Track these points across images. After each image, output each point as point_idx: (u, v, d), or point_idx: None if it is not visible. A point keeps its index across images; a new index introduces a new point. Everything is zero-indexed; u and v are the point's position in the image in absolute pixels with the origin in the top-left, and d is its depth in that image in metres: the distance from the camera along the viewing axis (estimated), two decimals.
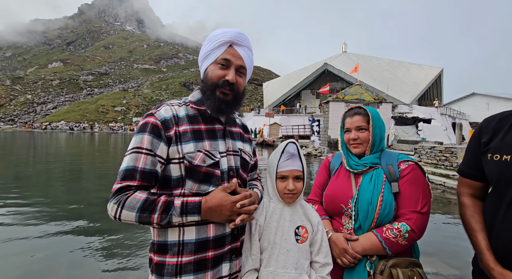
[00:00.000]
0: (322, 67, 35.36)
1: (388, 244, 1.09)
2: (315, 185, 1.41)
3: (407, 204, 1.13)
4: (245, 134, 1.17)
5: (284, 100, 39.54)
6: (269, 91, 44.06)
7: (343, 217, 1.23)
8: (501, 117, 0.99)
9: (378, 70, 36.08)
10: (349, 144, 1.28)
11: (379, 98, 17.42)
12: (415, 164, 1.20)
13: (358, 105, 1.32)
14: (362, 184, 1.20)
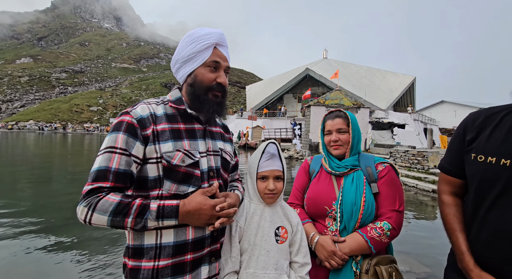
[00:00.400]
0: (304, 72, 36.16)
1: (373, 243, 1.12)
2: (295, 188, 1.40)
3: (386, 203, 1.18)
4: (225, 134, 1.16)
5: (267, 104, 39.87)
6: (252, 94, 44.25)
7: (326, 219, 1.24)
8: (487, 115, 0.96)
9: (357, 77, 37.56)
10: (330, 146, 1.30)
11: (358, 103, 18.12)
12: (391, 165, 1.26)
13: (338, 108, 1.36)
14: (344, 186, 1.22)
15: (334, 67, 35.95)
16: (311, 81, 36.28)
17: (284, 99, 41.90)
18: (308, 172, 1.39)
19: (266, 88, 42.35)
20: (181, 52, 0.97)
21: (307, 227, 1.23)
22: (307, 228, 1.23)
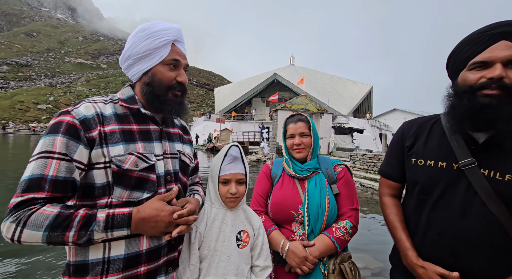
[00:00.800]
0: (272, 77, 37.05)
1: (339, 243, 1.16)
2: (257, 194, 1.35)
3: (346, 203, 1.24)
4: (184, 135, 1.11)
5: (235, 106, 39.88)
6: (221, 97, 43.90)
7: (293, 224, 1.23)
8: (419, 124, 1.07)
9: (321, 84, 39.58)
10: (293, 149, 1.30)
11: (322, 109, 19.07)
12: (346, 167, 1.33)
13: (298, 112, 1.38)
14: (309, 189, 1.23)
15: (300, 73, 37.39)
16: (279, 86, 37.28)
17: (252, 102, 42.34)
18: (269, 177, 1.37)
19: (234, 91, 42.38)
20: (135, 47, 0.89)
21: (275, 234, 1.21)
22: (276, 236, 1.20)
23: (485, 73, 0.83)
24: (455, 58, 0.93)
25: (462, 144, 0.90)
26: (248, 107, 43.08)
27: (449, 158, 0.92)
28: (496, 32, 0.83)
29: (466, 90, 0.86)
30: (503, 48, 0.81)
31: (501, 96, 0.81)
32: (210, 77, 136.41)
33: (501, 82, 0.80)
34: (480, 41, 0.85)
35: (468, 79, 0.87)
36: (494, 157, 0.85)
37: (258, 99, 41.73)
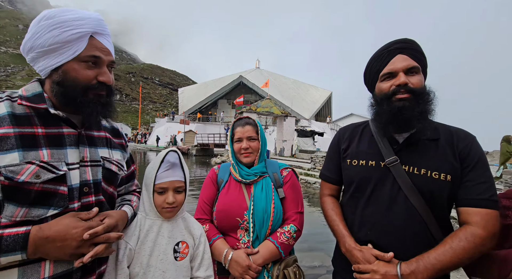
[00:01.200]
0: (238, 79, 37.18)
1: (283, 248, 1.15)
2: (201, 202, 1.29)
3: (291, 206, 1.24)
4: (114, 139, 0.97)
5: (200, 108, 39.01)
6: (185, 98, 42.56)
7: (238, 231, 1.20)
8: (352, 129, 1.19)
9: (285, 88, 40.88)
10: (240, 154, 1.27)
11: (285, 112, 19.65)
12: (292, 170, 1.35)
13: (246, 115, 1.36)
14: (255, 194, 1.21)
15: (265, 77, 38.15)
16: (245, 88, 37.53)
17: (218, 104, 41.88)
18: (216, 182, 1.33)
19: (200, 92, 41.48)
20: (37, 38, 0.75)
21: (219, 244, 1.17)
22: (219, 245, 1.16)
23: (393, 82, 0.97)
24: (369, 73, 1.07)
25: (387, 145, 1.01)
26: (213, 108, 42.49)
27: (377, 157, 1.02)
28: (393, 48, 1.00)
29: (383, 97, 1.00)
30: (401, 60, 0.97)
31: (410, 98, 0.95)
32: (174, 77, 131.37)
33: (407, 87, 0.95)
34: (383, 56, 1.01)
35: (382, 89, 1.01)
36: (412, 154, 0.97)
37: (224, 101, 41.44)
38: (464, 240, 0.82)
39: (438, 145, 0.97)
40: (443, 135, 0.99)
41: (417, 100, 0.94)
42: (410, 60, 0.97)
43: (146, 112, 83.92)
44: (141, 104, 61.76)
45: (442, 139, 0.98)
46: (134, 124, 70.11)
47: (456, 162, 0.94)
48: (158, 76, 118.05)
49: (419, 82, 0.96)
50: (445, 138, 0.98)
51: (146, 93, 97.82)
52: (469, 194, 0.89)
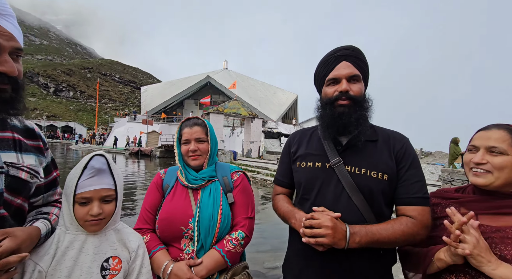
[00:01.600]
0: (205, 79, 36.51)
1: (229, 257, 1.09)
2: (144, 210, 1.20)
3: (241, 212, 1.19)
4: (27, 141, 0.85)
5: (165, 108, 37.40)
6: (149, 97, 40.42)
7: (182, 240, 1.12)
8: (301, 133, 1.23)
9: (253, 89, 41.28)
10: (188, 156, 1.21)
11: (253, 114, 19.86)
12: (244, 173, 1.30)
13: (195, 116, 1.29)
14: (202, 200, 1.15)
15: (233, 78, 38.11)
16: (212, 89, 37.01)
17: (184, 104, 40.63)
18: (161, 188, 1.24)
19: (165, 91, 39.77)
20: None
21: (159, 256, 1.08)
22: (159, 258, 1.07)
23: (337, 87, 1.04)
24: (317, 77, 1.14)
25: (332, 146, 1.07)
26: (179, 109, 41.10)
27: (323, 159, 1.07)
28: (338, 54, 1.05)
29: (327, 102, 1.06)
30: (345, 67, 1.03)
31: (350, 105, 1.02)
32: (137, 75, 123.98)
33: (347, 94, 1.02)
34: (330, 61, 1.07)
35: (327, 93, 1.07)
36: (354, 155, 1.04)
37: (190, 101, 40.32)
38: (404, 224, 0.93)
39: (376, 146, 1.04)
40: (381, 136, 1.07)
41: (355, 107, 1.01)
42: (353, 68, 1.03)
43: (104, 111, 77.72)
44: (98, 102, 57.02)
45: (380, 140, 1.06)
46: (90, 124, 64.47)
47: (392, 162, 1.01)
48: (118, 73, 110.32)
49: (359, 90, 1.03)
50: (383, 139, 1.06)
51: (104, 91, 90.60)
52: (406, 193, 0.98)
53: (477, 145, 0.92)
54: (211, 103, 30.14)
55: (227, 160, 16.65)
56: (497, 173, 0.85)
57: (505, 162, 0.84)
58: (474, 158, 0.90)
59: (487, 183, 0.87)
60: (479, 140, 0.91)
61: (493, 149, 0.87)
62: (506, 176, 0.85)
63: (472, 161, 0.91)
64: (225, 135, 23.08)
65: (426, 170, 11.61)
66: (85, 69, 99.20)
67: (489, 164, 0.87)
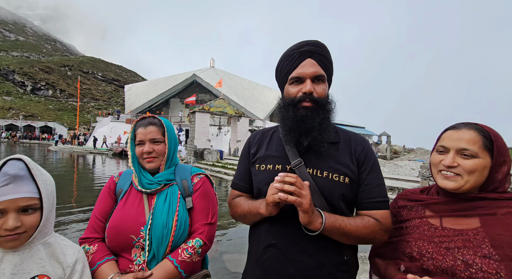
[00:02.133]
0: (191, 78, 35.91)
1: (183, 267, 1.02)
2: (93, 217, 1.11)
3: (200, 218, 1.12)
4: None
5: (150, 107, 36.52)
6: (133, 95, 39.39)
7: (133, 250, 1.04)
8: (262, 133, 1.16)
9: (240, 88, 41.08)
10: (143, 158, 1.13)
11: (240, 112, 19.75)
12: (206, 176, 1.22)
13: (152, 115, 1.20)
14: (156, 206, 1.08)
15: (220, 76, 37.73)
16: (199, 87, 36.50)
17: (170, 103, 39.86)
18: (113, 193, 1.15)
19: (150, 89, 38.87)
20: None
21: (105, 268, 0.99)
22: (104, 271, 0.98)
23: (301, 88, 0.97)
24: (280, 73, 1.06)
25: (293, 148, 1.01)
26: (165, 108, 40.31)
27: (284, 161, 1.01)
28: (303, 50, 0.97)
29: (290, 102, 0.99)
30: (310, 65, 0.96)
31: (313, 108, 0.96)
32: (121, 73, 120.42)
33: (311, 96, 0.96)
34: (293, 58, 0.99)
35: (290, 93, 1.00)
36: (315, 157, 0.99)
37: (176, 100, 39.60)
38: (367, 222, 0.91)
39: (338, 149, 1.01)
40: (342, 139, 1.03)
41: (319, 110, 0.96)
42: (318, 67, 0.97)
43: (86, 110, 74.98)
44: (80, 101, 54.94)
45: (342, 142, 1.02)
46: (71, 123, 62.03)
47: (354, 165, 0.98)
48: (101, 71, 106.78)
49: (323, 92, 0.98)
50: (345, 141, 1.03)
51: (86, 89, 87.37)
52: (369, 198, 0.96)
53: (447, 146, 0.87)
54: (198, 102, 29.77)
55: (213, 159, 16.49)
56: (467, 176, 0.82)
57: (476, 165, 0.81)
58: (444, 161, 0.86)
59: (457, 186, 0.84)
60: (449, 141, 0.87)
61: (464, 152, 0.83)
62: (475, 179, 0.82)
63: (443, 164, 0.87)
64: (212, 134, 22.85)
65: (407, 166, 11.95)
66: (65, 66, 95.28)
67: (459, 167, 0.83)
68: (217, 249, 4.32)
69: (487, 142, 0.83)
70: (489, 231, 0.77)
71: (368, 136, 55.04)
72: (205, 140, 17.72)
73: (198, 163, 16.20)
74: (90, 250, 1.03)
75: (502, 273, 0.70)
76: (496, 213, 0.79)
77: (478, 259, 0.74)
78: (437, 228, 0.87)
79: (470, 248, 0.77)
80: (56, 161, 17.37)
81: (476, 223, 0.81)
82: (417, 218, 0.94)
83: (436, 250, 0.82)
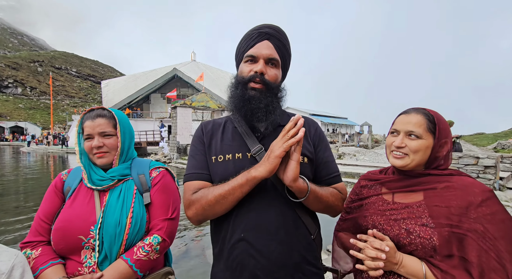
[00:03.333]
0: (172, 72, 34.90)
1: (140, 266, 0.96)
2: (37, 219, 1.03)
3: (158, 213, 1.06)
4: None
5: (130, 103, 35.22)
6: (110, 91, 37.72)
7: (82, 252, 0.98)
8: (214, 122, 1.10)
9: (223, 82, 40.47)
10: (93, 154, 1.05)
11: (223, 106, 19.49)
12: (166, 170, 1.17)
13: (101, 106, 1.12)
14: (108, 203, 1.01)
15: (202, 69, 36.94)
16: (180, 82, 35.60)
17: (151, 98, 38.64)
18: (61, 192, 1.08)
19: (128, 85, 37.35)
20: None
21: (49, 273, 0.92)
22: (48, 275, 0.92)
23: (253, 67, 0.96)
24: (238, 51, 1.05)
25: (251, 134, 0.98)
26: (146, 104, 39.04)
27: (243, 149, 0.98)
28: (262, 31, 0.98)
29: (240, 81, 0.98)
30: (266, 47, 0.97)
31: (262, 90, 0.95)
32: (97, 68, 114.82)
33: (263, 77, 0.95)
34: (252, 37, 0.99)
35: (243, 71, 0.99)
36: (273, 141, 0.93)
37: (157, 95, 38.43)
38: (332, 191, 1.00)
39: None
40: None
41: (267, 92, 0.96)
42: (273, 50, 0.97)
43: (61, 108, 71.14)
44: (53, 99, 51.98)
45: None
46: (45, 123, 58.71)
47: (310, 146, 1.02)
48: (75, 67, 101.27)
49: (275, 76, 0.98)
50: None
51: (60, 86, 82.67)
52: (329, 174, 1.04)
53: (398, 129, 0.96)
54: (180, 97, 29.05)
55: None
56: (412, 155, 0.92)
57: (420, 145, 0.91)
58: (395, 142, 0.95)
59: (404, 164, 0.93)
60: (400, 125, 0.96)
61: (411, 133, 0.92)
62: (420, 158, 0.92)
63: (394, 145, 0.95)
64: (195, 129, 22.42)
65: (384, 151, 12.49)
66: (35, 62, 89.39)
67: (407, 147, 0.92)
68: (198, 246, 4.30)
69: (431, 125, 0.91)
70: (429, 203, 0.87)
71: (351, 126, 56.52)
72: (188, 136, 17.38)
73: (181, 159, 15.91)
74: (32, 255, 0.96)
75: (434, 238, 0.81)
76: (437, 187, 0.88)
77: (418, 228, 0.85)
78: (389, 203, 0.97)
79: (412, 218, 0.87)
80: (30, 163, 16.42)
81: (420, 197, 0.91)
82: (374, 195, 1.03)
83: (386, 221, 0.92)
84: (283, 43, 1.00)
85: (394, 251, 0.84)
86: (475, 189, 0.82)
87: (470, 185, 0.84)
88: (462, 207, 0.80)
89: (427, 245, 0.81)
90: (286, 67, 1.05)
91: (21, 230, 4.75)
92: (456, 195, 0.83)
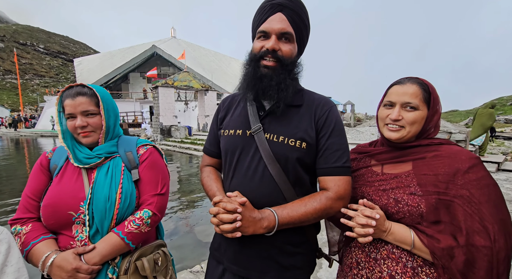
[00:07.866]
0: (151, 49, 32.97)
1: (131, 238, 0.98)
2: (25, 197, 1.03)
3: (148, 189, 1.07)
4: None
5: (107, 82, 33.28)
6: (85, 70, 35.36)
7: (74, 227, 0.99)
8: (231, 98, 1.12)
9: (206, 60, 39.04)
10: (77, 133, 1.03)
11: (206, 86, 18.93)
12: (153, 147, 1.17)
13: (81, 83, 1.06)
14: (97, 180, 1.01)
15: (183, 47, 35.19)
16: (160, 60, 33.87)
17: (130, 78, 36.69)
18: (47, 170, 1.07)
19: (104, 63, 35.08)
20: None
21: (41, 247, 0.93)
22: (40, 249, 0.92)
23: (265, 43, 0.91)
24: (252, 26, 1.00)
25: (255, 112, 0.98)
26: (124, 83, 37.09)
27: (244, 126, 0.98)
28: (275, 3, 0.91)
29: (253, 58, 0.94)
30: (278, 20, 0.90)
31: (275, 68, 0.91)
32: (67, 44, 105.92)
33: (275, 54, 0.90)
34: (264, 10, 0.93)
35: (255, 48, 0.95)
36: (273, 122, 0.95)
37: (136, 75, 36.51)
38: (318, 201, 0.88)
39: (299, 112, 0.96)
40: (306, 101, 0.98)
41: (281, 70, 0.91)
42: (287, 23, 0.90)
43: (30, 89, 66.05)
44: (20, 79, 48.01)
45: (304, 105, 0.98)
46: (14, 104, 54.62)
47: (312, 130, 0.94)
48: (42, 42, 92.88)
49: (289, 52, 0.92)
50: (308, 105, 0.98)
51: (27, 64, 76.04)
52: (325, 163, 0.92)
53: (393, 101, 0.92)
54: (160, 76, 27.78)
55: (181, 136, 15.97)
56: (409, 127, 0.90)
57: (416, 116, 0.89)
58: (391, 115, 0.92)
59: (401, 137, 0.92)
60: (395, 96, 0.92)
61: (407, 105, 0.90)
62: (415, 129, 0.91)
63: (390, 118, 0.93)
64: (179, 110, 21.82)
65: (368, 132, 12.84)
66: None
67: (403, 120, 0.90)
68: (187, 223, 4.41)
69: (425, 95, 0.90)
70: (417, 172, 0.88)
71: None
72: (171, 116, 16.91)
73: (165, 140, 15.60)
74: (23, 231, 0.96)
75: (422, 205, 0.82)
76: (426, 156, 0.89)
77: (406, 196, 0.86)
78: (378, 174, 0.97)
79: (401, 188, 0.88)
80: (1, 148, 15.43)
81: (409, 167, 0.91)
82: (364, 168, 1.03)
83: (375, 192, 0.94)
84: (299, 13, 0.92)
85: (384, 219, 0.85)
86: (462, 156, 0.83)
87: (458, 152, 0.85)
88: (450, 174, 0.81)
89: (414, 212, 0.82)
90: (302, 40, 0.98)
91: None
92: (444, 162, 0.84)
